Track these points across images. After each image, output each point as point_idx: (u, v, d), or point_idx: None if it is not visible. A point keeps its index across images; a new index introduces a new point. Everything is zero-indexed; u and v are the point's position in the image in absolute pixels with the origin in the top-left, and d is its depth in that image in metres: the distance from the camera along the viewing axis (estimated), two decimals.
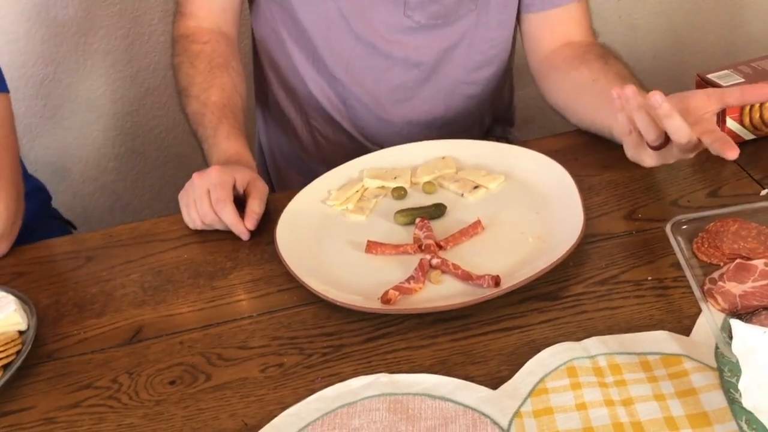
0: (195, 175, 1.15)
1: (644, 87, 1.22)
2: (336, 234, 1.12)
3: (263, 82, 1.51)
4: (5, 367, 0.96)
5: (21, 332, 1.01)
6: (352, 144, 1.45)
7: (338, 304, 0.98)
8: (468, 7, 1.34)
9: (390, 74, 1.38)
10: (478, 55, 1.40)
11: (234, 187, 1.15)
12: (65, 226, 1.58)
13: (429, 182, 1.18)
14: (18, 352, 0.97)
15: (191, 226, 1.17)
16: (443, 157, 1.22)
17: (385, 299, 0.97)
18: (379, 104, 1.41)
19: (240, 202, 1.16)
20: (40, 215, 1.44)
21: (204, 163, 1.26)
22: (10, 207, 1.17)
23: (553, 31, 1.35)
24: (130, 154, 2.01)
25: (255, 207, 1.14)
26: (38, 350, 1.01)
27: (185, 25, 1.40)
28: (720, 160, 1.15)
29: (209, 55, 1.35)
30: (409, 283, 0.99)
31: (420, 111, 1.42)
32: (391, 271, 1.03)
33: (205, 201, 1.13)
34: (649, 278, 0.98)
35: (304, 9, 1.35)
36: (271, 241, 1.09)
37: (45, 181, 1.58)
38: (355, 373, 0.91)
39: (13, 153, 1.22)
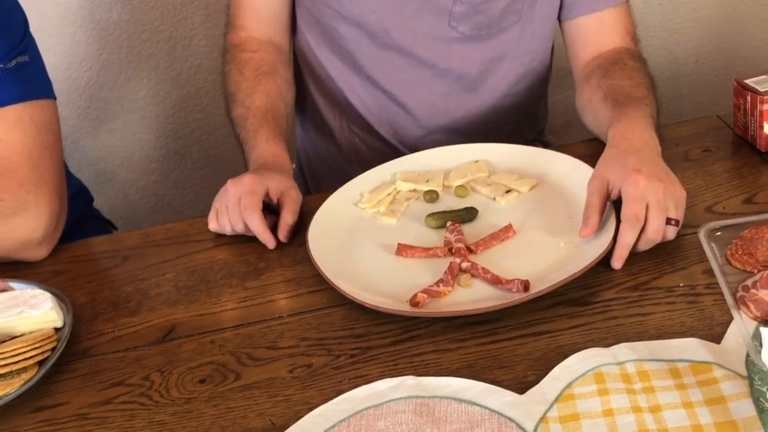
0: (229, 182, 1.16)
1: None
2: (367, 236, 1.13)
3: (302, 89, 1.52)
4: (41, 363, 0.98)
5: (57, 329, 1.03)
6: (391, 152, 1.45)
7: (367, 306, 0.98)
8: (512, 19, 1.34)
9: (432, 85, 1.38)
10: (520, 67, 1.40)
11: (268, 196, 1.16)
12: (106, 226, 1.61)
13: (461, 186, 1.18)
14: (53, 349, 0.99)
15: (221, 231, 1.18)
16: (476, 161, 1.22)
17: (414, 302, 0.97)
18: (420, 114, 1.41)
19: (275, 211, 1.17)
20: (81, 215, 1.47)
21: (245, 167, 1.28)
22: (53, 213, 1.19)
23: (586, 43, 1.34)
24: (172, 156, 2.03)
25: (288, 219, 1.15)
26: (73, 347, 1.03)
27: (236, 35, 1.42)
28: (757, 166, 1.15)
29: (257, 63, 1.37)
30: (438, 286, 1.00)
31: (461, 122, 1.41)
32: (421, 274, 1.03)
33: (236, 209, 1.14)
34: (681, 285, 0.97)
35: (345, 23, 1.35)
36: (303, 242, 1.10)
37: (88, 182, 1.60)
38: (382, 375, 0.91)
39: (58, 159, 1.24)
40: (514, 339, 0.94)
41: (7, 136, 1.18)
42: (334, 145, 1.51)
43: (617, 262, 1.00)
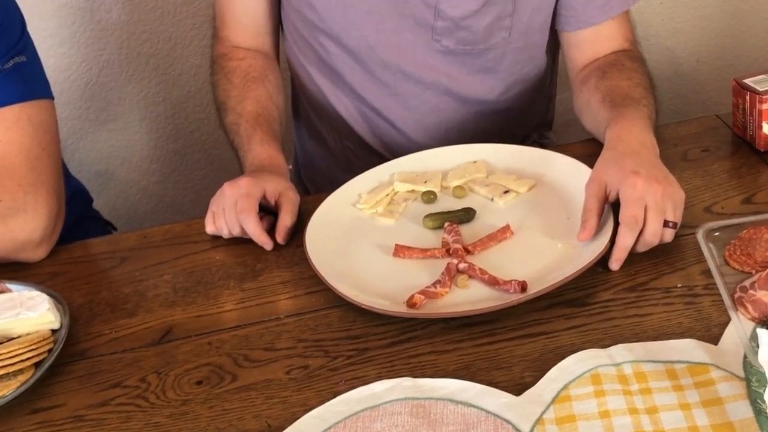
0: (226, 185, 1.16)
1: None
2: (365, 237, 1.12)
3: (296, 100, 1.52)
4: (37, 365, 0.98)
5: (54, 331, 1.02)
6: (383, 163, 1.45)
7: (364, 307, 0.98)
8: (500, 35, 1.31)
9: (421, 99, 1.37)
10: (510, 76, 1.37)
11: (265, 198, 1.16)
12: (105, 227, 1.61)
13: (459, 186, 1.18)
14: (50, 351, 0.99)
15: (219, 233, 1.18)
16: (474, 162, 1.22)
17: (411, 303, 0.97)
18: (411, 128, 1.40)
19: (273, 212, 1.17)
20: (80, 216, 1.46)
21: (242, 172, 1.27)
22: (51, 213, 1.19)
23: (583, 51, 1.33)
24: (173, 156, 2.03)
25: (286, 220, 1.15)
26: (70, 349, 1.03)
27: (222, 46, 1.42)
28: (756, 166, 1.15)
29: (245, 69, 1.37)
30: (435, 287, 0.99)
31: (452, 134, 1.40)
32: (419, 275, 1.03)
33: (233, 212, 1.14)
34: (679, 285, 0.97)
35: (327, 38, 1.34)
36: (301, 243, 1.10)
37: (88, 183, 1.60)
38: (379, 377, 0.91)
39: (56, 160, 1.24)
40: (511, 340, 0.93)
41: (5, 137, 1.18)
42: (329, 154, 1.51)
43: (615, 264, 1.00)
